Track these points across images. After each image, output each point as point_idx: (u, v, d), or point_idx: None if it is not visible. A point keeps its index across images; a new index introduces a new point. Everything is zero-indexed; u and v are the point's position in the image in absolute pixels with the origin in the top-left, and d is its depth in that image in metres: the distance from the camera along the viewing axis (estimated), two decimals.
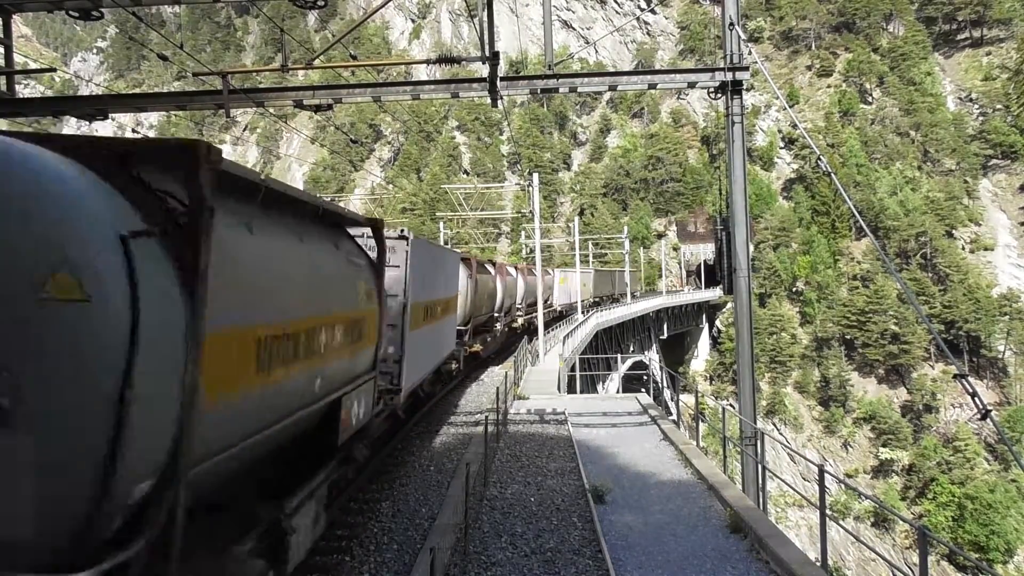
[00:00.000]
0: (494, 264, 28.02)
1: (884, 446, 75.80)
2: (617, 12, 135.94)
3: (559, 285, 43.09)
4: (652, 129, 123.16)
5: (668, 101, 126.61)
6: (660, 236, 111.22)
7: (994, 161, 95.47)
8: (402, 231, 12.18)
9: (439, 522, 9.60)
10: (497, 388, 18.01)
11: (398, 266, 11.81)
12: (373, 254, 8.74)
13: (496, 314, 27.37)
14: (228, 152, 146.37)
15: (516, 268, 32.98)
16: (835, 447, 79.93)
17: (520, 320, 33.23)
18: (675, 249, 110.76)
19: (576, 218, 64.30)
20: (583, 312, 44.64)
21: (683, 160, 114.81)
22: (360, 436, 7.75)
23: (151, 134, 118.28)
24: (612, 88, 14.55)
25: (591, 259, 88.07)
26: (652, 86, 14.27)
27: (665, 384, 55.78)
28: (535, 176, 32.03)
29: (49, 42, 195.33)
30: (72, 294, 2.67)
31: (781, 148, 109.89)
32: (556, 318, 43.54)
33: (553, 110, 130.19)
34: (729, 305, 78.50)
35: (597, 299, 57.52)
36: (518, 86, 13.79)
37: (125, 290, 2.94)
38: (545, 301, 37.23)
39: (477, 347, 23.70)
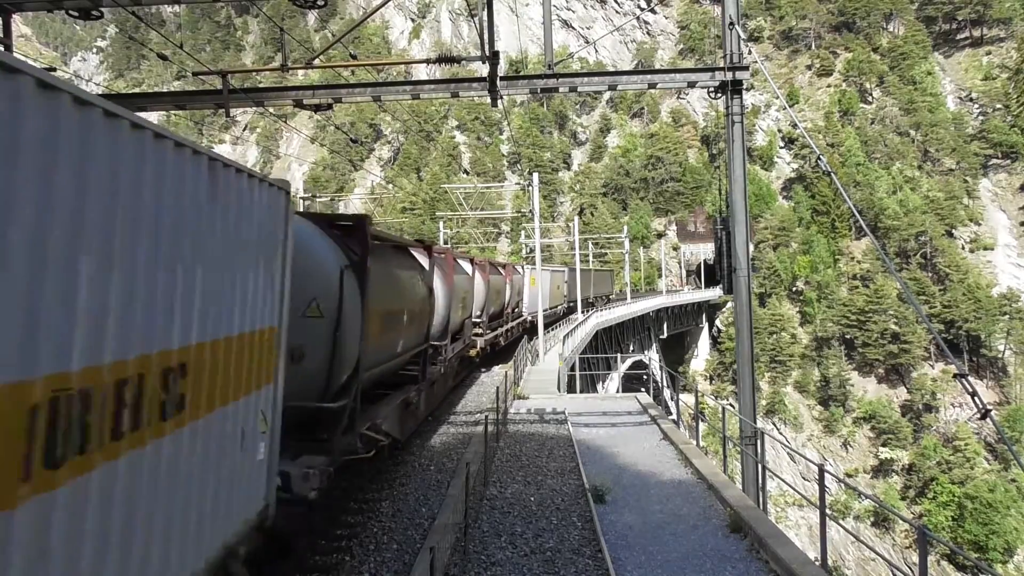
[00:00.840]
0: (429, 250, 14.94)
1: (884, 446, 75.84)
2: (617, 12, 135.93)
3: (529, 288, 34.69)
4: (652, 129, 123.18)
5: (668, 101, 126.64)
6: (660, 236, 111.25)
7: (994, 161, 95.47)
8: None
9: (439, 522, 9.60)
10: (497, 388, 18.02)
11: None
12: None
13: (438, 342, 15.89)
14: (228, 152, 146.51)
15: (473, 262, 21.94)
16: (835, 447, 79.96)
17: (481, 342, 22.05)
18: (675, 249, 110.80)
19: (576, 218, 64.12)
20: (557, 321, 38.80)
21: (683, 160, 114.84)
22: None
23: None
24: (612, 88, 14.55)
25: (591, 259, 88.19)
26: (652, 86, 14.26)
27: (665, 384, 55.76)
28: (535, 176, 32.05)
29: (49, 42, 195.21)
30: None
31: (781, 148, 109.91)
32: (521, 336, 31.70)
33: (553, 110, 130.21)
34: (729, 305, 78.56)
35: (571, 303, 48.03)
36: (518, 86, 13.79)
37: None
38: (513, 310, 30.44)
39: (388, 433, 11.27)
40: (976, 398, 7.95)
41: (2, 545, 2.96)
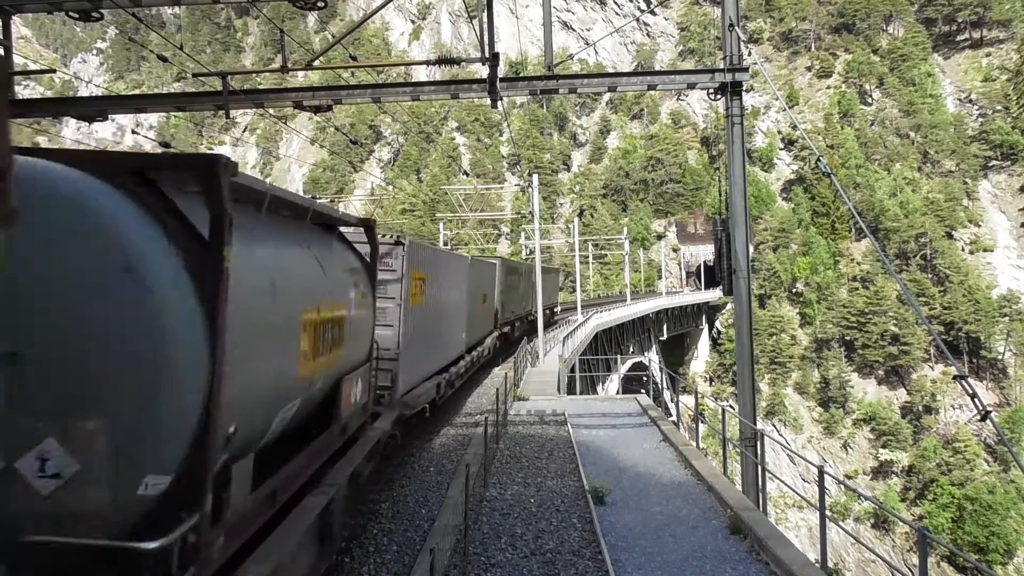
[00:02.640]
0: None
1: (884, 447, 75.81)
2: (617, 13, 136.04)
3: (409, 309, 13.09)
4: (652, 130, 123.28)
5: (668, 102, 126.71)
6: (660, 237, 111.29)
7: (994, 162, 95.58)
8: None
9: (439, 523, 9.58)
10: (497, 389, 18.01)
11: None
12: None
13: None
14: (227, 153, 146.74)
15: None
16: (835, 448, 79.92)
17: None
18: (675, 250, 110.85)
19: (576, 219, 63.90)
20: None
21: (683, 161, 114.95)
22: None
23: (151, 135, 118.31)
24: (612, 89, 14.53)
25: (591, 260, 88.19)
26: (652, 87, 14.23)
27: (665, 385, 55.64)
28: (535, 177, 32.01)
29: (49, 43, 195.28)
30: None
31: (781, 149, 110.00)
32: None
33: (553, 111, 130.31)
34: (729, 306, 78.55)
35: (506, 326, 29.57)
36: (518, 87, 13.77)
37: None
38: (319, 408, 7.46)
39: None
40: (976, 400, 7.95)
41: None
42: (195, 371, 3.96)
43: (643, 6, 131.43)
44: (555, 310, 41.30)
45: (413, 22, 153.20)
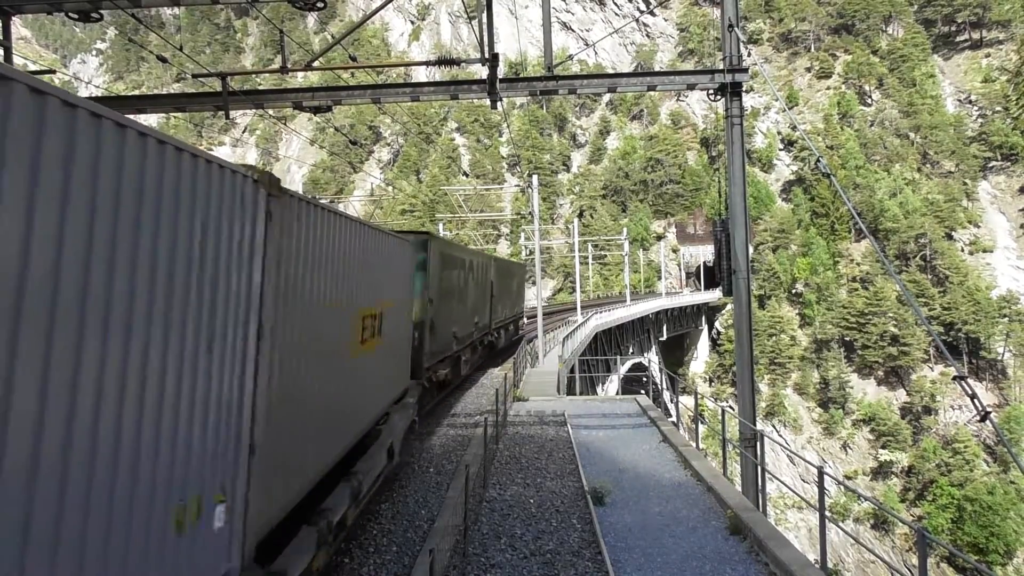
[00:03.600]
0: None
1: (883, 448, 75.83)
2: (617, 14, 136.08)
3: None
4: (651, 131, 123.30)
5: (667, 103, 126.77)
6: (659, 238, 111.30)
7: (993, 163, 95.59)
8: None
9: (438, 524, 9.58)
10: (496, 390, 17.99)
11: None
12: None
13: None
14: (227, 154, 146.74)
15: None
16: (834, 449, 79.93)
17: None
18: (674, 251, 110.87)
19: (575, 220, 63.90)
20: None
21: (682, 162, 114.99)
22: None
23: None
24: (611, 90, 14.53)
25: (590, 260, 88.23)
26: (651, 88, 14.23)
27: (665, 386, 55.64)
28: (534, 178, 31.96)
29: (48, 44, 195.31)
30: None
31: (780, 150, 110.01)
32: None
33: (552, 112, 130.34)
34: (728, 307, 78.56)
35: (442, 365, 17.61)
36: (517, 88, 13.77)
37: None
38: None
39: None
40: (975, 400, 7.94)
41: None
42: None
43: (643, 7, 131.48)
44: (520, 323, 30.57)
45: (413, 23, 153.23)
